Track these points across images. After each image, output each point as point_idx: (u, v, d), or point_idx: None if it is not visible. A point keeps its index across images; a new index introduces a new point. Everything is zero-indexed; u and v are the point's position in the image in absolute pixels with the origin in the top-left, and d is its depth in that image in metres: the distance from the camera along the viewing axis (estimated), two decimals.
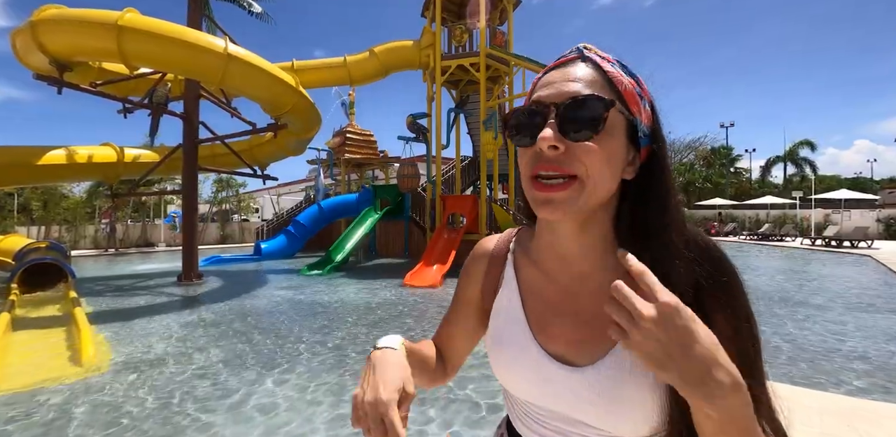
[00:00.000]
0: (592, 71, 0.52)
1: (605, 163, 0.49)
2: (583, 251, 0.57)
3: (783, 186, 33.07)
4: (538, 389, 0.55)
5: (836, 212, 21.99)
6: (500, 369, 0.60)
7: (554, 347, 0.56)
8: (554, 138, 0.48)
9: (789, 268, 10.44)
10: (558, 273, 0.59)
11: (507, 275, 0.64)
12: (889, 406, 2.70)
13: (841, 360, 3.75)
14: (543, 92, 0.52)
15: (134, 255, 15.70)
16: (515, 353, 0.57)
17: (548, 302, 0.59)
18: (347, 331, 4.84)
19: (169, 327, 5.06)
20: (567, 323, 0.56)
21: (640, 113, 0.52)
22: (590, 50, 0.55)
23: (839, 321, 5.08)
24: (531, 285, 0.61)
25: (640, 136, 0.52)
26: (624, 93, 0.51)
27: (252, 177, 10.32)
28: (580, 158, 0.48)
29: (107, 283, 8.76)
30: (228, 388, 3.19)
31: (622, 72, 0.53)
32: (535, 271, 0.62)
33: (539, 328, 0.58)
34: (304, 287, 7.96)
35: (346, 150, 16.57)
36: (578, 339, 0.55)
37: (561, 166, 0.49)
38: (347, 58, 12.75)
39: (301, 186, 33.61)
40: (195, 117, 8.67)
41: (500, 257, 0.66)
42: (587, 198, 0.50)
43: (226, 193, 23.03)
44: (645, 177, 0.54)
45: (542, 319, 0.58)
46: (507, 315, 0.61)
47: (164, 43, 6.36)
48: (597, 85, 0.51)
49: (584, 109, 0.48)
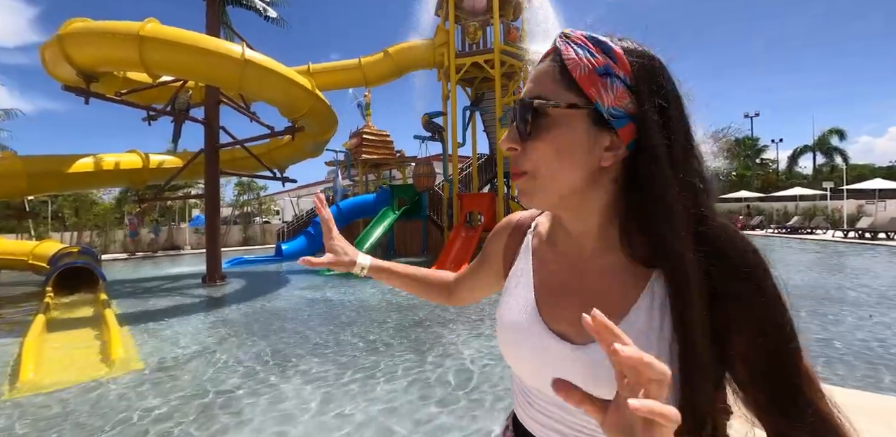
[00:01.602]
0: (550, 63, 0.52)
1: (554, 157, 0.51)
2: (585, 235, 0.58)
3: (812, 176, 31.86)
4: (538, 365, 0.56)
5: (870, 202, 21.09)
6: (506, 345, 0.61)
7: (557, 325, 0.56)
8: (508, 140, 0.53)
9: (824, 262, 10.06)
10: (567, 253, 0.60)
11: (524, 251, 0.67)
12: None
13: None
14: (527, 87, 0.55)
15: (161, 258, 16.18)
16: (520, 328, 0.59)
17: (556, 281, 0.60)
18: (368, 330, 4.88)
19: (194, 327, 5.19)
20: (573, 303, 0.56)
21: (600, 95, 0.48)
22: (564, 37, 0.53)
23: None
24: (543, 263, 0.63)
25: (607, 118, 0.49)
26: (578, 79, 0.49)
27: (272, 180, 10.51)
28: (529, 156, 0.52)
29: (135, 285, 9.05)
30: (253, 386, 3.26)
31: (588, 53, 0.49)
32: (548, 250, 0.64)
33: (545, 306, 0.59)
34: (323, 287, 8.07)
35: (363, 151, 16.70)
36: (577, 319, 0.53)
37: (516, 165, 0.54)
38: (362, 59, 12.84)
39: (320, 188, 34.03)
40: (216, 123, 8.88)
41: (522, 233, 0.70)
42: (544, 190, 0.53)
43: (247, 196, 23.54)
44: (634, 161, 0.50)
45: (549, 297, 0.59)
46: (517, 291, 0.63)
47: (183, 51, 6.54)
48: (547, 80, 0.51)
49: (527, 110, 0.51)
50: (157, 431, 2.59)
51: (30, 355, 3.91)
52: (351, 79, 13.07)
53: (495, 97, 11.78)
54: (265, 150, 11.27)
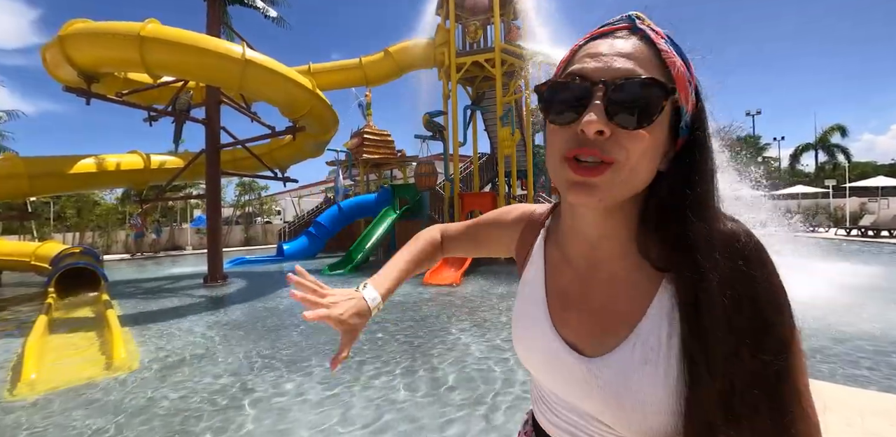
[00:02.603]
0: (646, 48, 0.46)
1: (648, 152, 0.45)
2: (602, 239, 0.54)
3: (815, 174, 31.75)
4: (551, 374, 0.55)
5: (872, 200, 21.02)
6: (521, 348, 0.60)
7: (568, 333, 0.55)
8: (602, 123, 0.43)
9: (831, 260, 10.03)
10: (576, 258, 0.58)
11: (536, 251, 0.64)
12: None
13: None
14: (590, 64, 0.46)
15: (163, 258, 16.20)
16: (534, 334, 0.57)
17: (565, 286, 0.58)
18: (369, 330, 4.86)
19: (196, 328, 5.19)
20: (581, 311, 0.55)
21: (686, 100, 0.47)
22: (643, 21, 0.48)
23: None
24: (554, 267, 0.61)
25: (682, 126, 0.47)
26: (676, 77, 0.46)
27: (273, 180, 10.50)
28: (624, 145, 0.44)
29: (137, 286, 9.06)
30: (255, 386, 3.25)
31: (677, 52, 0.47)
32: (558, 253, 0.61)
33: (556, 312, 0.57)
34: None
35: (364, 150, 16.69)
36: (588, 328, 0.53)
37: (602, 151, 0.44)
38: (363, 59, 12.84)
39: (321, 188, 34.08)
40: (216, 123, 8.87)
41: (536, 229, 0.66)
42: (621, 186, 0.46)
43: (248, 196, 23.56)
44: (681, 169, 0.48)
45: (560, 303, 0.57)
46: (531, 293, 0.61)
47: (184, 51, 6.53)
48: (651, 66, 0.45)
49: (640, 94, 0.43)
50: (159, 431, 2.58)
51: (32, 356, 3.91)
52: (352, 78, 13.07)
53: (496, 96, 11.75)
54: (266, 150, 11.27)
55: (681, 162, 0.49)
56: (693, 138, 0.49)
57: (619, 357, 0.49)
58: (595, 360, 0.51)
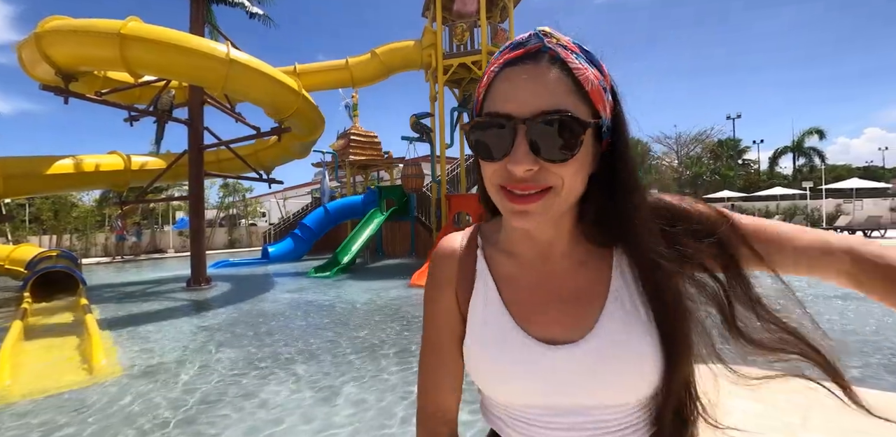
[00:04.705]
0: (559, 72, 0.47)
1: (579, 171, 0.49)
2: (556, 237, 0.56)
3: (793, 176, 32.60)
4: (538, 382, 0.53)
5: (847, 202, 21.64)
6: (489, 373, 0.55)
7: (540, 331, 0.54)
8: (529, 162, 0.46)
9: None
10: (534, 258, 0.58)
11: (481, 271, 0.60)
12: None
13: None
14: (508, 102, 0.47)
15: (144, 261, 15.85)
16: (504, 349, 0.54)
17: (527, 289, 0.57)
18: (354, 333, 4.83)
19: (178, 332, 5.08)
20: (550, 306, 0.55)
21: (604, 109, 0.50)
22: (550, 37, 0.49)
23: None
24: (507, 276, 0.59)
25: (604, 130, 0.50)
26: (591, 93, 0.48)
27: (258, 181, 10.38)
28: (555, 172, 0.47)
29: (117, 290, 8.85)
30: (239, 392, 3.19)
31: (587, 63, 0.49)
32: (508, 262, 0.60)
33: (522, 318, 0.56)
34: (311, 290, 7.98)
35: (351, 152, 16.60)
36: (562, 318, 0.55)
37: (536, 183, 0.47)
38: (349, 60, 12.77)
39: (307, 190, 33.76)
40: (199, 123, 8.73)
41: (471, 255, 0.62)
42: (560, 205, 0.49)
43: (232, 197, 23.20)
44: (609, 166, 0.53)
45: (525, 307, 0.56)
46: (487, 311, 0.57)
47: (166, 50, 6.40)
48: (566, 91, 0.47)
49: (560, 131, 0.45)
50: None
51: (6, 363, 3.78)
52: (338, 79, 12.98)
53: None
54: (251, 151, 11.13)
55: (608, 158, 0.53)
56: (615, 137, 0.52)
57: (596, 336, 0.52)
58: (573, 345, 0.52)
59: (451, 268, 0.62)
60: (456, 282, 0.61)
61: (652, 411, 0.54)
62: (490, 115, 0.48)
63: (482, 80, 0.52)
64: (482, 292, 0.59)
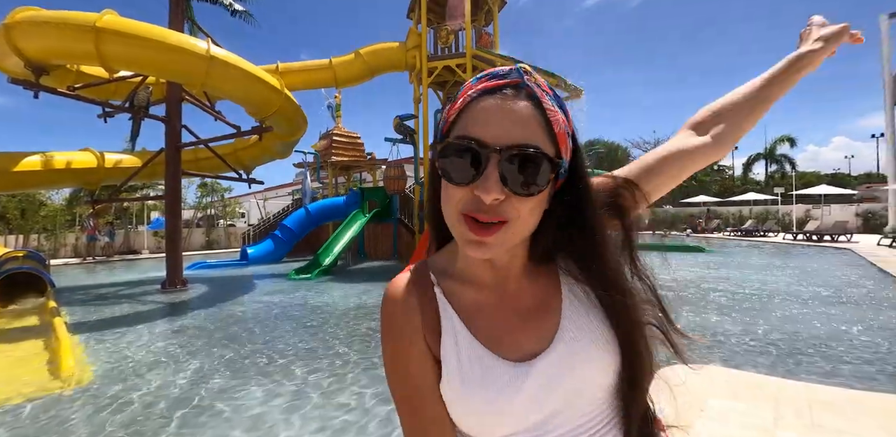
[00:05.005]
0: (534, 109, 0.49)
1: (537, 207, 0.51)
2: (512, 262, 0.58)
3: (765, 182, 33.70)
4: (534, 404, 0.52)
5: (816, 207, 22.47)
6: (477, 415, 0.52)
7: (511, 352, 0.54)
8: (497, 191, 0.47)
9: (779, 263, 10.63)
10: (492, 282, 0.58)
11: (444, 309, 0.57)
12: (873, 395, 2.75)
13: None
14: (486, 129, 0.48)
15: (117, 263, 15.37)
16: (483, 378, 0.52)
17: (490, 313, 0.57)
18: (336, 337, 4.78)
19: (152, 336, 4.94)
20: (514, 325, 0.56)
21: (566, 152, 0.52)
22: (529, 76, 0.51)
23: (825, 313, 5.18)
24: (470, 306, 0.57)
25: (562, 171, 0.52)
26: (558, 134, 0.50)
27: (237, 181, 10.18)
28: (515, 206, 0.49)
29: (88, 292, 8.54)
30: (214, 398, 3.12)
31: (558, 107, 0.51)
32: (469, 291, 0.58)
33: (493, 342, 0.54)
34: (292, 292, 7.86)
35: (333, 152, 16.45)
36: (526, 335, 0.55)
37: (498, 214, 0.48)
38: (333, 60, 12.68)
39: (288, 190, 33.31)
40: (177, 121, 8.52)
41: (427, 295, 0.58)
42: (513, 238, 0.51)
43: (210, 197, 22.71)
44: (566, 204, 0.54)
45: (492, 331, 0.55)
46: (460, 347, 0.54)
47: (143, 45, 6.24)
48: (538, 128, 0.49)
49: (532, 166, 0.47)
50: None
51: None
52: (321, 79, 12.87)
53: None
54: (230, 150, 10.92)
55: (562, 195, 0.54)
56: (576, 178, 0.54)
57: (560, 340, 0.54)
58: (543, 355, 0.53)
59: (413, 315, 0.57)
60: (423, 328, 0.56)
61: (620, 411, 0.56)
62: (464, 138, 0.48)
63: (454, 102, 0.52)
64: (450, 330, 0.55)
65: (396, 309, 0.57)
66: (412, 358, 0.55)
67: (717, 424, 2.38)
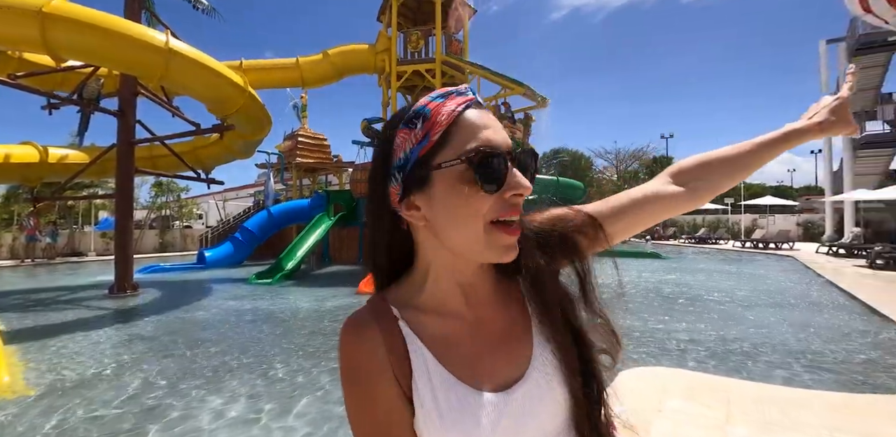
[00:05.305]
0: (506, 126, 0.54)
1: None
2: (483, 280, 0.57)
3: None
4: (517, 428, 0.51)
5: (762, 217, 23.93)
6: None
7: (490, 384, 0.52)
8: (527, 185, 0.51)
9: (729, 268, 11.21)
10: (466, 310, 0.56)
11: (411, 343, 0.53)
12: (815, 393, 2.93)
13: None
14: (493, 135, 0.51)
15: (59, 265, 14.35)
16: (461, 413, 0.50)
17: (462, 344, 0.54)
18: (297, 344, 4.63)
19: (98, 345, 4.62)
20: (486, 354, 0.54)
21: None
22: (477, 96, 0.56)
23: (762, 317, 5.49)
24: (439, 338, 0.54)
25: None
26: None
27: (195, 181, 9.75)
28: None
29: (26, 297, 7.92)
30: (164, 411, 2.94)
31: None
32: (438, 321, 0.55)
33: (468, 374, 0.52)
34: (251, 297, 7.57)
35: (298, 154, 16.10)
36: (500, 366, 0.54)
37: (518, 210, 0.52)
38: (300, 59, 12.45)
39: (249, 191, 32.26)
40: (131, 115, 8.07)
41: (392, 331, 0.54)
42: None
43: (166, 197, 21.65)
44: None
45: (466, 363, 0.53)
46: (434, 383, 0.51)
47: (96, 34, 5.89)
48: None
49: (533, 160, 0.53)
50: None
51: None
52: (287, 78, 12.60)
53: None
54: (189, 148, 10.48)
55: None
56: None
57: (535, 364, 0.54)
58: (521, 382, 0.52)
59: (378, 354, 0.53)
60: (392, 367, 0.52)
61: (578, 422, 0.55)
62: (488, 146, 0.49)
63: (435, 120, 0.50)
64: (422, 366, 0.52)
65: (358, 349, 0.53)
66: (379, 401, 0.51)
67: (674, 424, 2.47)
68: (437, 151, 0.50)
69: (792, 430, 2.40)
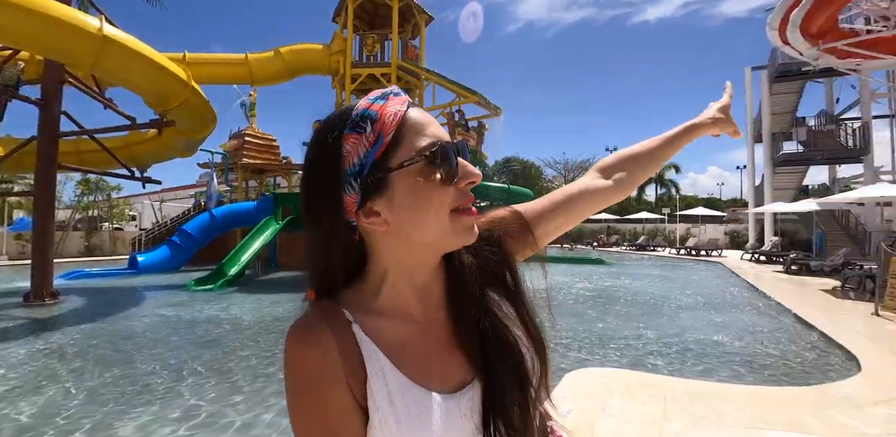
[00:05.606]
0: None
1: None
2: (438, 281, 0.58)
3: (655, 203, 37.98)
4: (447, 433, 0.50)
5: (695, 226, 25.75)
6: None
7: (445, 385, 0.52)
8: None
9: (666, 273, 11.92)
10: (419, 314, 0.56)
11: (366, 348, 0.52)
12: (740, 387, 3.17)
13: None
14: (438, 130, 0.54)
15: None
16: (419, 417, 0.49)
17: (420, 346, 0.54)
18: (237, 354, 4.40)
19: (10, 359, 4.15)
20: (441, 355, 0.54)
21: None
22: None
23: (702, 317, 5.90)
24: (395, 341, 0.54)
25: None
26: None
27: (129, 179, 9.04)
28: None
29: None
30: (91, 431, 2.69)
31: None
32: (393, 325, 0.55)
33: (424, 377, 0.52)
34: (190, 305, 7.12)
35: (245, 154, 15.43)
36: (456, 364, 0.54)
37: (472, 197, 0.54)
38: (250, 55, 12.01)
39: (190, 192, 30.44)
40: (56, 106, 7.38)
41: (345, 336, 0.52)
42: None
43: (94, 196, 19.94)
44: None
45: (422, 366, 0.53)
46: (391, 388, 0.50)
47: (17, 13, 5.33)
48: None
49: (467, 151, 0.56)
50: None
51: None
52: (235, 74, 12.10)
53: None
54: (122, 144, 9.77)
55: None
56: None
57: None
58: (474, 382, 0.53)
59: (331, 361, 0.50)
60: (345, 373, 0.50)
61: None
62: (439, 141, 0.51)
63: (384, 121, 0.50)
64: (378, 371, 0.51)
65: (308, 355, 0.50)
66: (331, 410, 0.49)
67: (616, 421, 2.58)
68: (391, 153, 0.50)
69: (719, 423, 2.58)
